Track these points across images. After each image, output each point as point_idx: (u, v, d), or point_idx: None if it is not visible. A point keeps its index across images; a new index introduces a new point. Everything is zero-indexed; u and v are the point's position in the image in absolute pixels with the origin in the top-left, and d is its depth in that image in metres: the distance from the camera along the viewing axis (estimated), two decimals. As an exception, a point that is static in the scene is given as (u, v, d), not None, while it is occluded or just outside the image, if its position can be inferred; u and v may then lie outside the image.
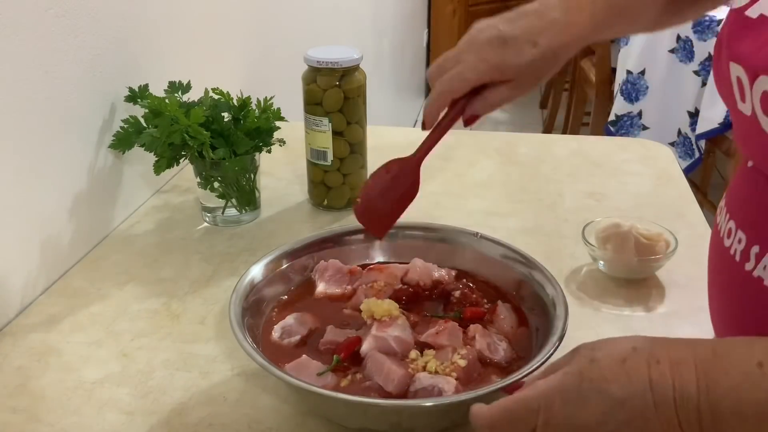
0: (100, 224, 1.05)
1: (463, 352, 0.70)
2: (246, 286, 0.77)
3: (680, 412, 0.47)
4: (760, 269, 0.58)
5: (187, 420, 0.72)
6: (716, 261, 0.68)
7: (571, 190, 1.19)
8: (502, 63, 0.70)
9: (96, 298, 0.91)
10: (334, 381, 0.69)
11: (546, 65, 0.72)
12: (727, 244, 0.64)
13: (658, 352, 0.49)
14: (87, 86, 0.98)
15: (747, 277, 0.60)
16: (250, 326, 0.73)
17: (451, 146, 1.35)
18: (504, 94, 0.73)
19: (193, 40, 1.28)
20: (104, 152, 1.03)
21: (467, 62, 0.71)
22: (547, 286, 0.77)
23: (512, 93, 0.73)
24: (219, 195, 1.05)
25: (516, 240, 1.04)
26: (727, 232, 0.64)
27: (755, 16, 0.58)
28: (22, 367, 0.79)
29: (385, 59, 3.22)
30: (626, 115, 2.72)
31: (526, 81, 0.72)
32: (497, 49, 0.70)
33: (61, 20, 0.91)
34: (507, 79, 0.72)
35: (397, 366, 0.68)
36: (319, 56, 1.03)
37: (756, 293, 0.58)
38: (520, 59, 0.70)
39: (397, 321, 0.73)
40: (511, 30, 0.70)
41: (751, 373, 0.46)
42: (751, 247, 0.60)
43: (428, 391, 0.65)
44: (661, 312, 0.89)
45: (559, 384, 0.51)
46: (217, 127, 1.01)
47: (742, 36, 0.59)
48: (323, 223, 1.09)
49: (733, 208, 0.65)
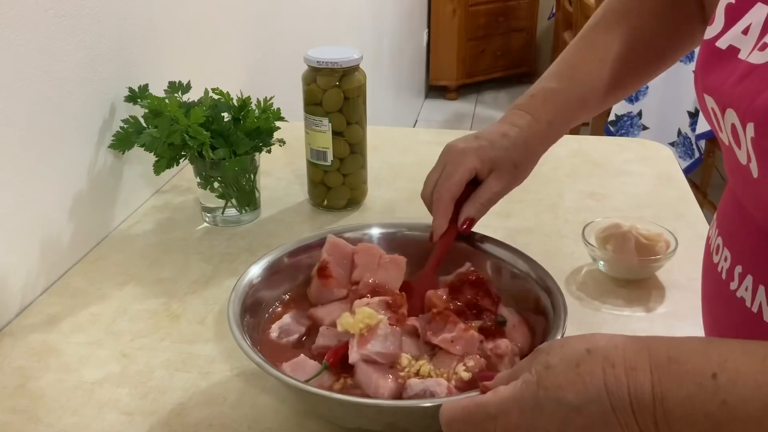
0: (100, 224, 1.05)
1: (470, 364, 0.67)
2: (245, 285, 0.76)
3: (638, 417, 0.47)
4: (743, 290, 0.59)
5: (186, 420, 0.72)
6: (706, 276, 0.68)
7: (571, 190, 1.19)
8: (478, 150, 0.78)
9: (96, 298, 0.91)
10: (329, 381, 0.68)
11: (520, 153, 0.80)
12: (716, 260, 0.64)
13: (612, 355, 0.49)
14: (87, 86, 0.98)
15: (732, 296, 0.60)
16: (250, 325, 0.73)
17: (451, 146, 1.35)
18: (491, 187, 0.80)
19: (193, 40, 1.28)
20: (104, 152, 1.03)
21: (450, 162, 0.80)
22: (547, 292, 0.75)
23: (498, 183, 0.80)
24: (219, 195, 1.05)
25: (516, 240, 1.04)
26: (716, 248, 0.65)
27: (725, 47, 0.58)
28: (22, 367, 0.79)
29: (385, 59, 3.22)
30: (626, 115, 2.71)
31: (505, 171, 0.80)
32: (473, 141, 0.80)
33: (61, 20, 0.91)
34: (487, 172, 0.80)
35: (384, 380, 0.66)
36: (319, 56, 1.03)
37: (739, 313, 0.59)
38: (495, 149, 0.79)
39: (377, 331, 0.69)
40: (482, 132, 0.81)
41: (704, 384, 0.46)
42: (735, 266, 0.60)
43: (421, 396, 0.64)
44: (661, 312, 0.89)
45: (516, 393, 0.51)
46: (217, 127, 1.01)
47: (713, 67, 0.59)
48: (323, 223, 1.09)
49: (722, 224, 0.65)
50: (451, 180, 0.79)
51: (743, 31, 0.57)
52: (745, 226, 0.59)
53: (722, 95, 0.57)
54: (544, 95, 0.81)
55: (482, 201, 0.80)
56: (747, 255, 0.59)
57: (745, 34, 0.56)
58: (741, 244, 0.60)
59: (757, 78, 0.53)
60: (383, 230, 0.87)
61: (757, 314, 0.57)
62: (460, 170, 0.78)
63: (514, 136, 0.79)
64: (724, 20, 0.59)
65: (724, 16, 0.59)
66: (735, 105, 0.54)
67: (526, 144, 0.79)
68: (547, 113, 0.80)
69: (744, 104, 0.53)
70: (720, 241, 0.64)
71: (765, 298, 0.56)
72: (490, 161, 0.79)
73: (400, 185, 1.19)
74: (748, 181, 0.55)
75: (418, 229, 0.86)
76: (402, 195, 1.16)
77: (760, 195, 0.55)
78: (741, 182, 0.59)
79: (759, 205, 0.56)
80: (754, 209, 0.58)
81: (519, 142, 0.79)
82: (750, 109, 0.52)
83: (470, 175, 0.79)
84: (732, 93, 0.55)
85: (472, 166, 0.78)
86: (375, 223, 0.87)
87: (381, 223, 0.88)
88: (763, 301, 0.56)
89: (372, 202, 1.14)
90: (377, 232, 0.86)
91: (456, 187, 0.79)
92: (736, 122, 0.54)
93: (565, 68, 0.83)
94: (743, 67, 0.55)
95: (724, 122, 0.56)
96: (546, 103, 0.80)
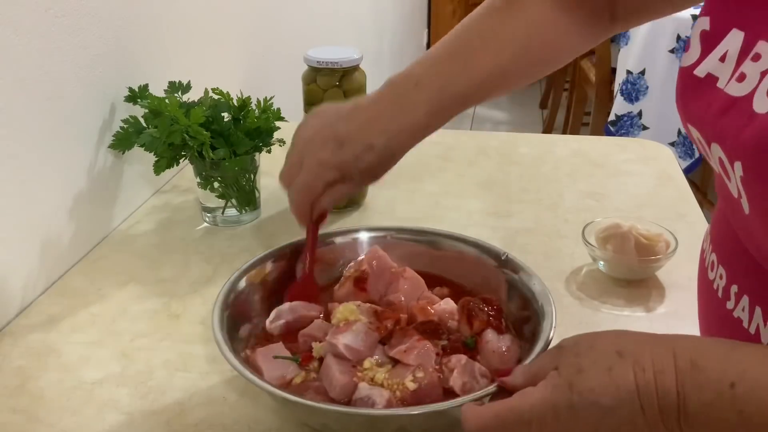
0: (100, 224, 1.05)
1: (419, 375, 0.66)
2: (237, 277, 0.76)
3: (664, 417, 0.49)
4: (740, 310, 0.59)
5: (187, 420, 0.72)
6: (702, 293, 0.68)
7: (571, 190, 1.19)
8: (341, 164, 0.72)
9: (96, 298, 0.91)
10: (292, 373, 0.69)
11: (383, 165, 0.74)
12: (711, 277, 0.64)
13: (642, 359, 0.50)
14: (87, 86, 0.98)
15: (729, 316, 0.60)
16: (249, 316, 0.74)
17: (451, 146, 1.35)
18: (345, 190, 0.75)
19: (193, 40, 1.28)
20: (104, 152, 1.03)
21: (309, 169, 0.73)
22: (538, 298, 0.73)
23: (353, 190, 0.76)
24: (219, 195, 1.05)
25: (516, 240, 1.04)
26: (711, 265, 0.64)
27: (703, 75, 0.58)
28: (22, 367, 0.79)
29: (385, 59, 3.22)
30: (626, 115, 2.72)
31: (363, 179, 0.75)
32: (336, 150, 0.72)
33: (61, 20, 0.91)
34: (346, 179, 0.74)
35: (341, 374, 0.66)
36: (319, 56, 1.03)
37: (737, 333, 0.59)
38: (358, 163, 0.72)
39: (352, 327, 0.69)
40: (347, 131, 0.72)
41: (723, 393, 0.47)
42: (731, 285, 0.60)
43: (364, 401, 0.64)
44: (661, 312, 0.89)
45: (550, 397, 0.51)
46: (217, 127, 1.01)
47: (693, 96, 0.58)
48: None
49: (715, 240, 0.65)
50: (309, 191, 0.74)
51: (720, 59, 0.56)
52: (740, 246, 0.59)
53: (706, 127, 0.56)
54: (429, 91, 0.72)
55: (338, 199, 0.76)
56: (742, 275, 0.59)
57: (722, 62, 0.56)
58: (736, 264, 0.60)
59: (738, 113, 0.52)
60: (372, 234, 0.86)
61: (755, 336, 0.57)
62: (318, 183, 0.73)
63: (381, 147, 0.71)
64: (701, 48, 0.58)
65: (700, 44, 0.58)
66: (720, 140, 0.54)
67: (390, 155, 0.73)
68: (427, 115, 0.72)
69: (729, 141, 0.53)
70: (714, 257, 0.63)
71: (762, 320, 0.56)
72: (350, 173, 0.73)
73: (400, 185, 1.19)
74: (739, 213, 0.55)
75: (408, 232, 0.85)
76: (402, 195, 1.16)
77: (751, 231, 0.55)
78: (732, 212, 0.59)
79: (750, 240, 0.56)
80: (746, 242, 0.57)
81: (384, 155, 0.72)
82: (735, 147, 0.52)
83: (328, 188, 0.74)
84: (715, 126, 0.55)
85: (328, 179, 0.73)
86: (363, 227, 0.87)
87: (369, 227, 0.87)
88: (760, 323, 0.56)
89: (372, 202, 1.14)
90: (366, 236, 0.85)
91: (310, 196, 0.74)
92: (723, 157, 0.54)
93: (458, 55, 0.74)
94: (723, 98, 0.54)
95: (711, 154, 0.56)
96: (430, 102, 0.72)
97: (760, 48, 0.53)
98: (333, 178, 0.73)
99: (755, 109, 0.51)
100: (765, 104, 0.50)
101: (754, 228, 0.54)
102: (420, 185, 1.21)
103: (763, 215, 0.51)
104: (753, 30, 0.54)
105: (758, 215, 0.52)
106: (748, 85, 0.52)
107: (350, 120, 0.73)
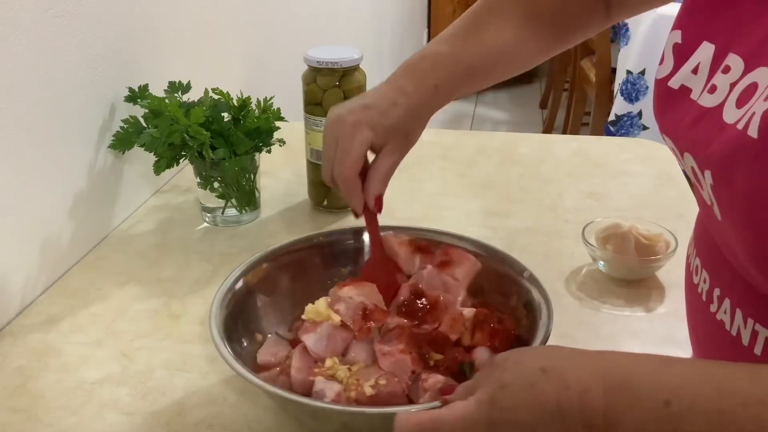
0: (100, 224, 1.05)
1: (381, 382, 0.65)
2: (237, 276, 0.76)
3: None
4: (722, 313, 0.59)
5: (187, 420, 0.72)
6: (688, 297, 0.68)
7: (571, 190, 1.19)
8: (371, 122, 0.74)
9: (96, 298, 0.91)
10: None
11: (411, 122, 0.76)
12: (695, 281, 0.64)
13: (567, 375, 0.49)
14: (87, 86, 0.98)
15: (713, 318, 0.60)
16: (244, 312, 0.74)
17: (451, 146, 1.36)
18: (389, 158, 0.76)
19: (193, 40, 1.28)
20: (104, 152, 1.03)
21: (343, 137, 0.74)
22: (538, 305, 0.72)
23: (393, 154, 0.76)
24: (219, 195, 1.05)
25: (516, 240, 1.04)
26: (695, 269, 0.65)
27: (677, 87, 0.59)
28: (22, 367, 0.79)
29: (385, 59, 3.22)
30: (626, 115, 2.71)
31: (398, 142, 0.76)
32: (363, 112, 0.75)
33: (61, 20, 0.91)
34: (381, 144, 0.75)
35: (296, 372, 0.68)
36: (319, 56, 1.03)
37: (721, 336, 0.59)
38: (387, 119, 0.74)
39: (318, 328, 0.70)
40: (372, 98, 0.76)
41: (657, 411, 0.45)
42: (714, 289, 0.60)
43: (318, 394, 0.65)
44: (661, 312, 0.89)
45: (470, 412, 0.51)
46: (217, 127, 1.01)
47: (668, 108, 0.59)
48: (323, 224, 1.09)
49: (698, 245, 0.65)
50: (351, 156, 0.74)
51: (692, 71, 0.57)
52: (719, 251, 0.59)
53: (679, 138, 0.57)
54: (434, 58, 0.78)
55: (384, 174, 0.76)
56: (723, 279, 0.59)
57: (694, 74, 0.57)
58: (717, 268, 0.60)
59: (709, 124, 0.53)
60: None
61: (736, 337, 0.57)
62: (356, 145, 0.74)
63: (404, 104, 0.75)
64: (673, 60, 0.59)
65: (673, 56, 0.59)
66: (691, 150, 0.55)
67: (415, 112, 0.76)
68: (434, 78, 0.77)
69: (699, 151, 0.54)
70: (698, 262, 0.64)
71: (743, 322, 0.56)
72: (383, 132, 0.75)
73: (400, 185, 1.19)
74: (713, 219, 0.55)
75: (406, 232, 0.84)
76: (402, 195, 1.16)
77: (725, 237, 0.55)
78: (707, 218, 0.60)
79: (725, 245, 0.57)
80: (722, 247, 0.58)
81: (408, 110, 0.76)
82: (705, 156, 0.53)
83: (367, 148, 0.75)
84: (687, 137, 0.56)
85: (367, 139, 0.74)
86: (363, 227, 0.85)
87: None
88: (741, 325, 0.56)
89: (372, 202, 1.13)
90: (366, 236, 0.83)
91: (357, 163, 0.74)
92: (695, 166, 0.55)
93: (461, 32, 0.80)
94: (696, 109, 0.55)
95: (685, 163, 0.57)
96: (435, 67, 0.77)
97: (729, 60, 0.54)
98: (367, 138, 0.74)
99: (725, 119, 0.52)
100: (734, 115, 0.51)
101: (727, 234, 0.54)
102: (420, 185, 1.20)
103: (733, 222, 0.52)
104: (722, 43, 0.55)
105: (729, 222, 0.52)
106: (718, 97, 0.54)
107: (370, 93, 0.77)
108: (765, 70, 0.50)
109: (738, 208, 0.50)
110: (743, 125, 0.49)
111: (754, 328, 0.55)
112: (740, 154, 0.49)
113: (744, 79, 0.52)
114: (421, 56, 0.79)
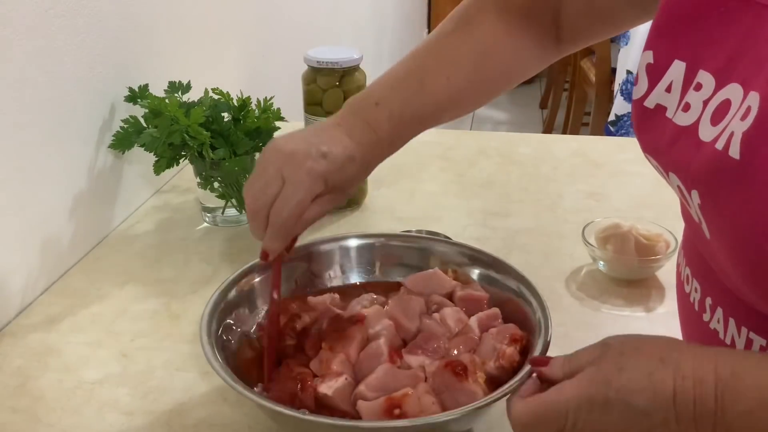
0: (100, 224, 1.05)
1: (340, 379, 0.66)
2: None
3: (698, 424, 0.49)
4: (715, 322, 0.59)
5: (187, 420, 0.72)
6: (681, 305, 0.69)
7: (571, 190, 1.19)
8: (327, 174, 0.70)
9: (96, 298, 0.91)
10: None
11: (360, 177, 0.75)
12: (687, 290, 0.65)
13: (684, 367, 0.50)
14: (87, 86, 0.98)
15: (706, 328, 0.61)
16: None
17: (451, 146, 1.36)
18: (324, 207, 0.72)
19: (193, 40, 1.28)
20: (104, 152, 1.03)
21: (298, 180, 0.69)
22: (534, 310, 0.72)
23: (326, 207, 0.73)
24: (219, 195, 1.05)
25: (516, 240, 1.04)
26: (686, 278, 0.65)
27: (652, 106, 0.59)
28: (22, 367, 0.79)
29: (385, 59, 3.22)
30: (626, 115, 2.71)
31: (339, 195, 0.74)
32: (320, 161, 0.70)
33: (61, 20, 0.91)
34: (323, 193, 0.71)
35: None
36: (319, 56, 1.03)
37: (714, 344, 0.59)
38: (342, 175, 0.71)
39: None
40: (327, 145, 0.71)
41: (764, 399, 0.47)
42: (706, 298, 0.61)
43: None
44: (661, 312, 0.89)
45: (587, 391, 0.52)
46: (217, 127, 1.01)
47: (647, 127, 0.60)
48: (323, 224, 1.09)
49: (687, 256, 0.66)
50: (297, 204, 0.69)
51: (666, 89, 0.58)
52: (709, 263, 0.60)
53: (661, 157, 0.58)
54: (389, 110, 0.74)
55: (312, 220, 0.72)
56: (714, 288, 0.60)
57: (668, 92, 0.58)
58: (708, 278, 0.61)
59: (687, 142, 0.54)
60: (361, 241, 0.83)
61: (731, 346, 0.58)
62: (305, 194, 0.69)
63: (359, 159, 0.72)
64: (647, 80, 0.60)
65: (647, 76, 0.60)
66: (675, 170, 0.56)
67: (367, 168, 0.75)
68: (390, 133, 0.74)
69: (682, 170, 0.55)
70: (689, 271, 0.64)
71: (736, 331, 0.57)
72: (332, 185, 0.71)
73: (400, 185, 1.19)
74: (701, 237, 0.56)
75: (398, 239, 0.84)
76: (402, 195, 1.16)
77: (714, 254, 0.56)
78: (695, 235, 0.60)
79: (714, 262, 0.57)
80: (711, 263, 0.58)
81: (363, 167, 0.73)
82: (689, 176, 0.54)
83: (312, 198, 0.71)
84: (669, 156, 0.56)
85: (318, 190, 0.70)
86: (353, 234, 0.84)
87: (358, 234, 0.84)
88: (735, 334, 0.57)
89: (372, 202, 1.14)
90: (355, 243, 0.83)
91: (301, 210, 0.70)
92: (681, 186, 0.56)
93: (414, 77, 0.76)
94: (672, 127, 0.56)
95: (671, 182, 0.57)
96: (391, 120, 0.74)
97: (700, 77, 0.54)
98: (320, 190, 0.70)
99: (701, 137, 0.53)
100: (710, 133, 0.52)
101: (716, 252, 0.55)
102: (420, 185, 1.21)
103: (721, 241, 0.53)
104: (693, 60, 0.56)
105: (717, 240, 0.53)
106: (693, 115, 0.54)
107: (326, 136, 0.72)
108: (736, 87, 0.51)
109: (726, 230, 0.51)
110: (722, 145, 0.50)
111: (748, 336, 0.56)
112: (724, 175, 0.50)
113: (716, 96, 0.53)
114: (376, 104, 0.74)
